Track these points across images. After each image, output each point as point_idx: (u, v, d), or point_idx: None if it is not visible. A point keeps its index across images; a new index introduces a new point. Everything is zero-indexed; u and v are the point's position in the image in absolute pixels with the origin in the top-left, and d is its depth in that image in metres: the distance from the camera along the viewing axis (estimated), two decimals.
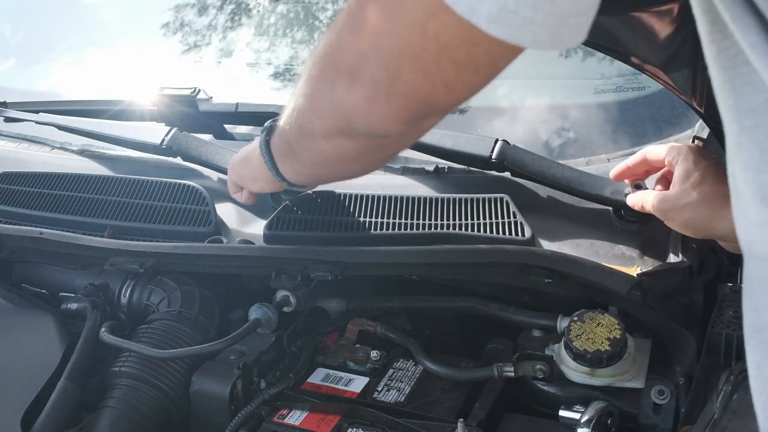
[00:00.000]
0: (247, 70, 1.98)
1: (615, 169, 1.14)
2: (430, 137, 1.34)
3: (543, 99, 1.57)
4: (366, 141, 0.81)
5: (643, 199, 1.09)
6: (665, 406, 1.06)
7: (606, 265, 1.12)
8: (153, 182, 1.44)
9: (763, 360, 0.64)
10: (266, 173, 1.06)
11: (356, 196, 1.31)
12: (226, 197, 1.44)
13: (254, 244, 1.31)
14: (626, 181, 1.14)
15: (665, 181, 1.08)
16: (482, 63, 0.66)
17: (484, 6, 0.58)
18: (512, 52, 0.65)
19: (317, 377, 1.21)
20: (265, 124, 1.05)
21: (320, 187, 1.33)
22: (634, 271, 1.12)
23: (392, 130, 0.75)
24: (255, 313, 1.22)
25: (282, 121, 0.96)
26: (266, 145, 1.04)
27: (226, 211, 1.40)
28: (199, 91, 1.53)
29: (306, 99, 0.83)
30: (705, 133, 1.19)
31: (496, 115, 1.58)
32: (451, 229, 1.23)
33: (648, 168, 1.11)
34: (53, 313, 1.28)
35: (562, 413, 1.07)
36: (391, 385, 1.18)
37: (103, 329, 1.22)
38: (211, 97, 1.54)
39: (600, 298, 1.15)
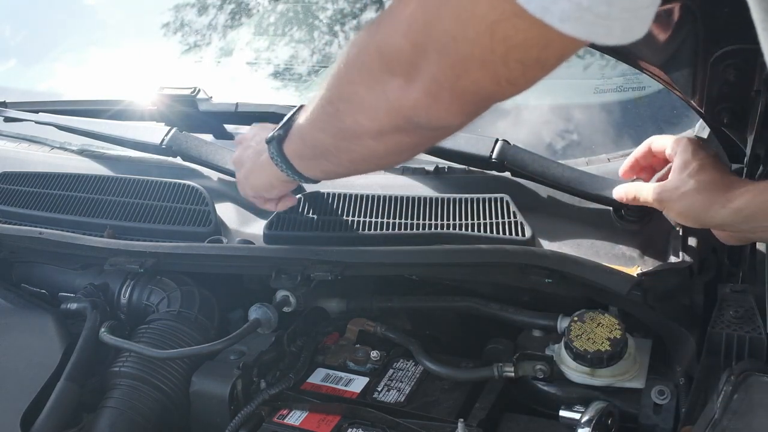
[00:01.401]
0: (247, 69, 1.98)
1: (624, 164, 1.15)
2: None
3: (543, 99, 1.57)
4: (424, 133, 0.82)
5: (637, 190, 1.09)
6: (665, 406, 1.06)
7: (606, 265, 1.12)
8: (153, 182, 1.43)
9: None
10: (281, 178, 1.07)
11: (356, 196, 1.31)
12: (226, 197, 1.44)
13: (254, 244, 1.31)
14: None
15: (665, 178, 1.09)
16: (550, 61, 0.67)
17: (557, 5, 0.59)
18: (577, 46, 0.65)
19: (317, 377, 1.21)
20: (271, 134, 1.04)
21: (320, 187, 1.33)
22: (635, 271, 1.12)
23: (454, 123, 0.77)
24: (255, 313, 1.22)
25: (304, 126, 0.96)
26: (280, 153, 1.03)
27: (226, 211, 1.40)
28: (199, 90, 1.53)
29: (348, 102, 0.83)
30: (705, 133, 1.19)
31: (496, 115, 1.58)
32: (451, 229, 1.23)
33: (652, 161, 1.12)
34: (53, 313, 1.27)
35: (563, 413, 1.07)
36: (391, 385, 1.18)
37: (102, 329, 1.22)
38: (211, 97, 1.54)
39: (600, 298, 1.15)
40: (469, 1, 0.64)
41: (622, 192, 1.12)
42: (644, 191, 1.07)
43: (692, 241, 1.16)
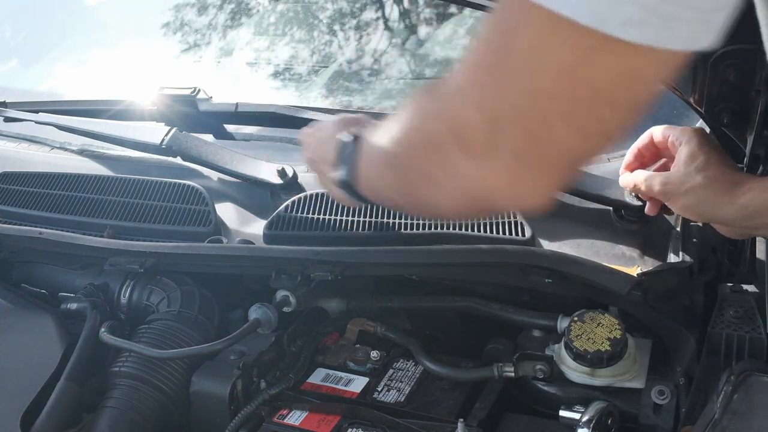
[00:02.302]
0: (247, 69, 1.98)
1: (627, 156, 1.12)
2: None
3: None
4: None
5: (637, 180, 1.06)
6: (665, 406, 1.06)
7: (606, 265, 1.12)
8: (153, 182, 1.44)
9: None
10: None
11: None
12: (226, 197, 1.44)
13: (254, 244, 1.30)
14: (627, 189, 1.14)
15: (664, 169, 1.08)
16: (642, 98, 0.59)
17: (619, 9, 0.52)
18: (661, 69, 0.58)
19: (317, 377, 1.21)
20: (339, 178, 0.89)
21: (320, 187, 1.33)
22: (635, 271, 1.12)
23: (541, 202, 0.66)
24: (255, 313, 1.22)
25: (372, 177, 0.84)
26: (355, 194, 0.89)
27: (226, 211, 1.40)
28: (199, 90, 1.53)
29: (419, 176, 0.71)
30: None
31: None
32: (451, 229, 1.23)
33: (654, 151, 1.10)
34: (53, 313, 1.27)
35: (562, 413, 1.07)
36: (391, 385, 1.18)
37: (102, 329, 1.22)
38: (211, 97, 1.54)
39: (600, 298, 1.15)
40: (538, 47, 0.56)
41: (629, 180, 1.09)
42: (649, 182, 1.05)
43: (692, 241, 1.16)
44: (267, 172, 1.42)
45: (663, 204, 1.08)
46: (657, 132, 1.08)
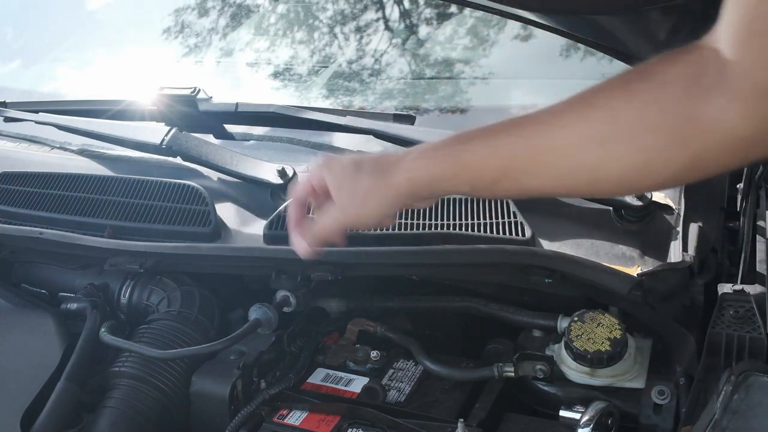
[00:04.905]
0: (247, 70, 1.98)
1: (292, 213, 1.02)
2: (431, 137, 1.33)
3: (543, 99, 1.57)
4: None
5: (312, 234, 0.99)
6: (665, 406, 1.06)
7: (606, 265, 1.12)
8: (153, 182, 1.43)
9: None
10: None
11: None
12: (226, 197, 1.44)
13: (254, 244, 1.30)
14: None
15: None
16: None
17: None
18: None
19: (317, 377, 1.21)
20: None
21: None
22: (635, 271, 1.12)
23: None
24: (255, 313, 1.22)
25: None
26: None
27: (226, 211, 1.40)
28: (199, 90, 1.53)
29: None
30: None
31: (497, 115, 1.58)
32: (451, 229, 1.23)
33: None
34: (53, 313, 1.27)
35: (563, 413, 1.07)
36: (391, 385, 1.18)
37: (102, 329, 1.22)
38: (211, 97, 1.54)
39: (600, 298, 1.15)
40: None
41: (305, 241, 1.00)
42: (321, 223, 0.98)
43: (692, 241, 1.16)
44: (267, 172, 1.42)
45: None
46: (302, 188, 1.01)
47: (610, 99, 0.79)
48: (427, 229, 1.24)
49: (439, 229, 1.23)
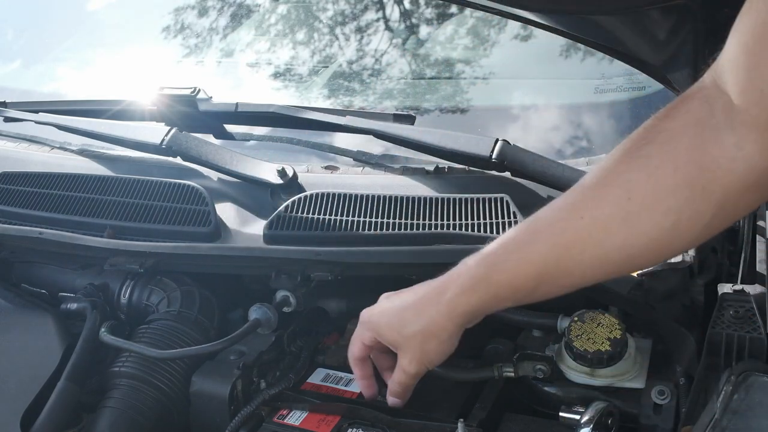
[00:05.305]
0: (248, 70, 1.98)
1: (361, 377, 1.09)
2: (430, 137, 1.34)
3: (543, 99, 1.57)
4: None
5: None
6: (665, 406, 1.05)
7: None
8: (153, 182, 1.43)
9: None
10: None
11: (356, 196, 1.31)
12: (226, 197, 1.44)
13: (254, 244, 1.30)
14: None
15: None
16: None
17: None
18: None
19: (317, 377, 1.21)
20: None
21: (320, 187, 1.33)
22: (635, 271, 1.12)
23: None
24: (255, 313, 1.22)
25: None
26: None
27: (226, 211, 1.40)
28: (199, 90, 1.53)
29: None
30: None
31: (497, 115, 1.58)
32: (451, 229, 1.23)
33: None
34: (53, 313, 1.27)
35: (563, 413, 1.07)
36: None
37: (102, 329, 1.22)
38: (211, 97, 1.54)
39: (600, 298, 1.15)
40: None
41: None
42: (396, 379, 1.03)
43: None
44: (267, 172, 1.42)
45: None
46: (359, 348, 1.07)
47: (621, 174, 0.78)
48: (426, 229, 1.24)
49: (438, 229, 1.23)
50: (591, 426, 1.01)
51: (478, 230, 1.21)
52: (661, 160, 0.74)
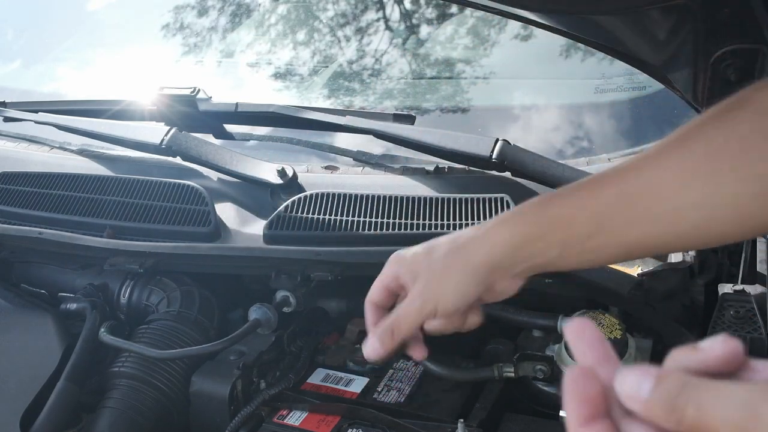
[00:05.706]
0: (248, 70, 1.98)
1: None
2: (431, 137, 1.34)
3: (543, 99, 1.57)
4: None
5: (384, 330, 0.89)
6: None
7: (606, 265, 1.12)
8: (153, 182, 1.43)
9: None
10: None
11: (356, 196, 1.31)
12: (226, 197, 1.44)
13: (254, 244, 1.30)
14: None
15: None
16: None
17: None
18: None
19: (317, 377, 1.21)
20: None
21: (320, 187, 1.33)
22: (635, 271, 1.12)
23: None
24: (255, 313, 1.22)
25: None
26: None
27: (226, 211, 1.40)
28: (199, 90, 1.53)
29: None
30: None
31: (497, 115, 1.58)
32: (451, 229, 1.23)
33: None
34: (53, 314, 1.27)
35: (563, 413, 1.07)
36: (391, 385, 1.18)
37: (102, 329, 1.22)
38: (211, 97, 1.54)
39: (601, 298, 1.15)
40: None
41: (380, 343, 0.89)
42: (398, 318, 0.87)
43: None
44: (267, 172, 1.42)
45: None
46: (375, 290, 0.91)
47: (707, 131, 0.73)
48: (426, 229, 1.24)
49: (438, 229, 1.23)
50: None
51: None
52: (753, 127, 0.70)
